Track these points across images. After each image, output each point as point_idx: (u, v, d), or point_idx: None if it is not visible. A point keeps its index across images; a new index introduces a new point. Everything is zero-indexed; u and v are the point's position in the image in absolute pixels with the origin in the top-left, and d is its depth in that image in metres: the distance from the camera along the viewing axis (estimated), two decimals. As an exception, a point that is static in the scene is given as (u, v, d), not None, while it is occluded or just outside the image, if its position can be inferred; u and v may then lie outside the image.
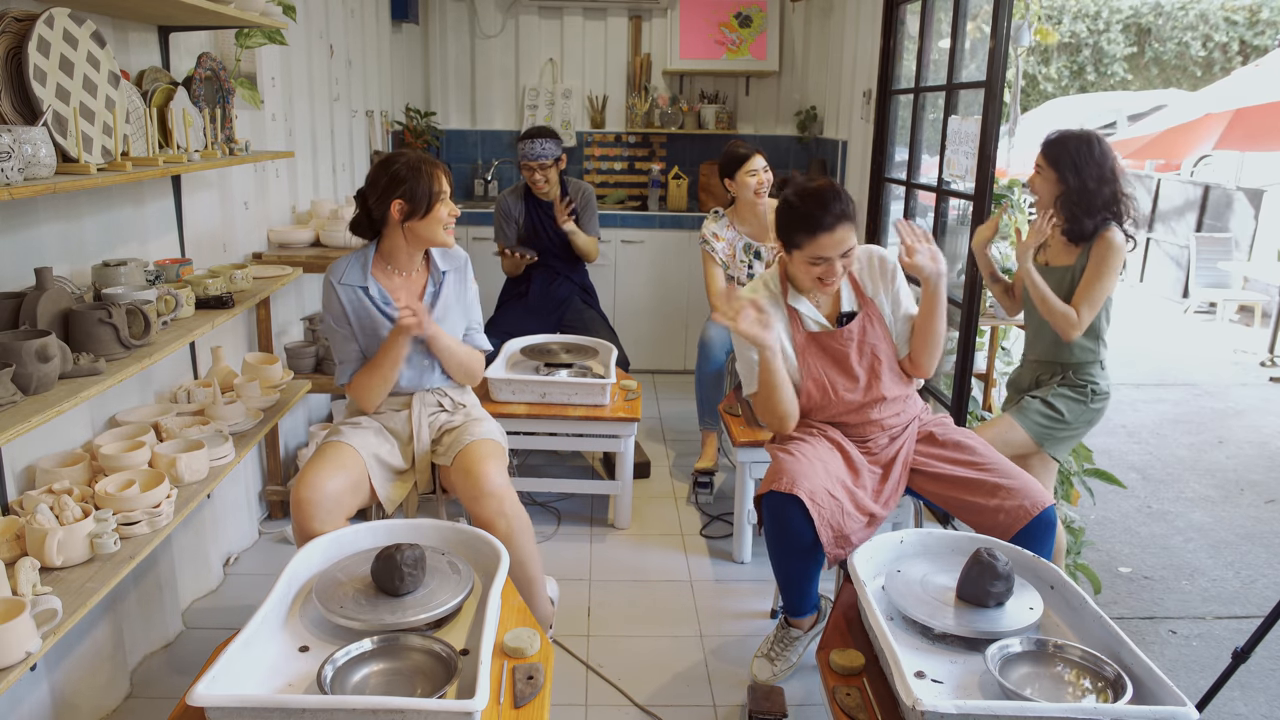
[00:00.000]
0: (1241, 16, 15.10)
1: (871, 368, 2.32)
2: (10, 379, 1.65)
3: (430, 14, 5.29)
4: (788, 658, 2.39)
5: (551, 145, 3.72)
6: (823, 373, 2.33)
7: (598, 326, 3.85)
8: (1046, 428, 2.59)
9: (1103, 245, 2.52)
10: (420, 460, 2.39)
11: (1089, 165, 2.51)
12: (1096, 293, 2.52)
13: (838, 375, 2.32)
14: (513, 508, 2.26)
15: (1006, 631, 1.69)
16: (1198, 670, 2.66)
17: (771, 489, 2.13)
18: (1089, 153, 2.52)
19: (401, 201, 2.26)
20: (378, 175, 2.30)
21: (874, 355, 2.32)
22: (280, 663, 1.60)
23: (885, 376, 2.32)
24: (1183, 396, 5.53)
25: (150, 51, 2.55)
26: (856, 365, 2.31)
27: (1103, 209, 2.53)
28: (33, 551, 1.76)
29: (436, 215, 2.30)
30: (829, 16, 5.23)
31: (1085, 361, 2.62)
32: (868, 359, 2.32)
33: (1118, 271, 2.55)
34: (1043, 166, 2.58)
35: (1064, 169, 2.53)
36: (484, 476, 2.24)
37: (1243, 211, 8.00)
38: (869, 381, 2.32)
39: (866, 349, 2.32)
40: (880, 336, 2.33)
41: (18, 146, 1.63)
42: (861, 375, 2.31)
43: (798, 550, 2.15)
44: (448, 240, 2.37)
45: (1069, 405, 2.60)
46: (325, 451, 2.26)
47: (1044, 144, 2.59)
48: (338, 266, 2.37)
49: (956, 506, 2.21)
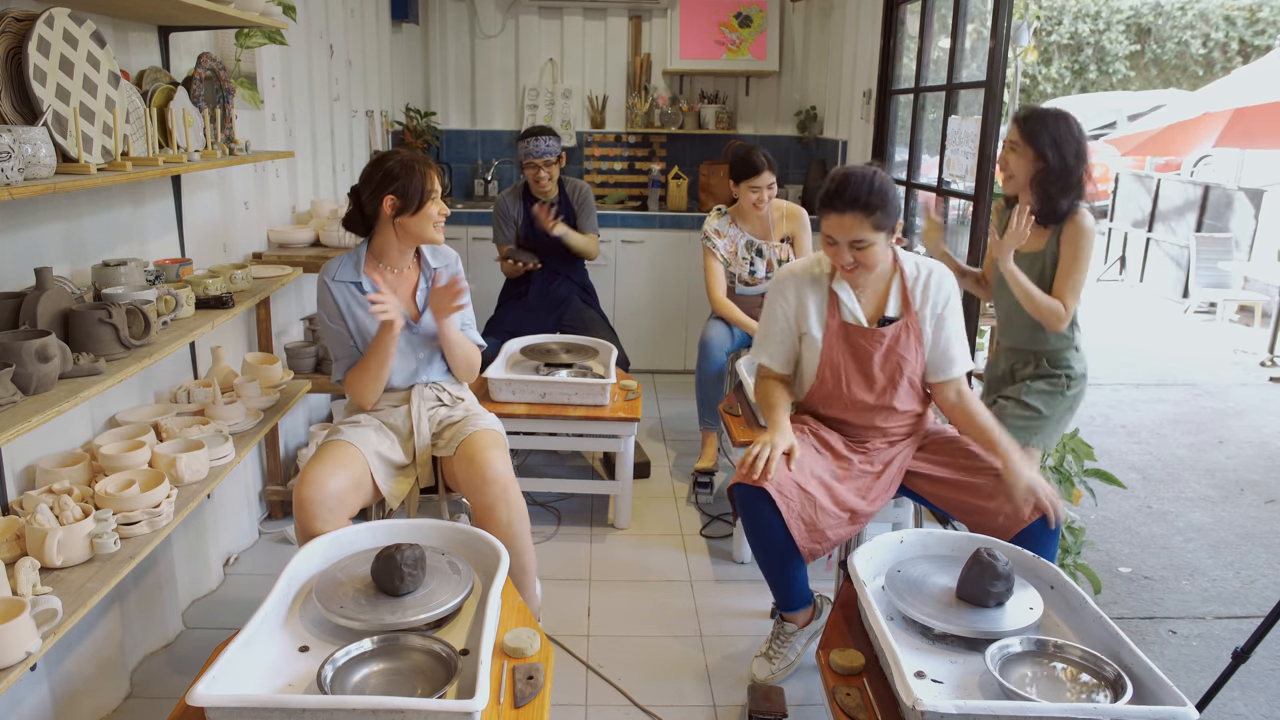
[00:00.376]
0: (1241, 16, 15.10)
1: (892, 377, 2.28)
2: (10, 379, 1.65)
3: (430, 14, 5.29)
4: (786, 656, 2.39)
5: (554, 142, 3.73)
6: (842, 364, 2.29)
7: (597, 326, 3.85)
8: (1026, 428, 2.56)
9: (1075, 228, 2.45)
10: (421, 454, 2.40)
11: (1068, 142, 2.42)
12: (1079, 279, 2.46)
13: (856, 372, 2.29)
14: (515, 496, 2.29)
15: (1006, 631, 1.69)
16: (1198, 670, 2.66)
17: (739, 480, 2.16)
18: (1068, 129, 2.43)
19: (394, 197, 2.30)
20: (372, 171, 2.34)
21: (898, 365, 2.27)
22: (280, 663, 1.60)
23: (902, 389, 2.29)
24: (1183, 396, 5.53)
25: (150, 51, 2.55)
26: (878, 369, 2.28)
27: (1076, 187, 2.46)
28: (33, 551, 1.76)
29: (427, 213, 2.34)
30: (829, 16, 5.23)
31: (1060, 348, 2.57)
32: (891, 366, 2.27)
33: (1093, 254, 2.48)
34: (1019, 144, 2.46)
35: (1043, 146, 2.41)
36: (488, 464, 2.26)
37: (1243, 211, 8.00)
38: (885, 388, 2.29)
39: (893, 357, 2.27)
40: (912, 350, 2.27)
41: (18, 146, 1.63)
42: (880, 380, 2.28)
43: (773, 543, 2.16)
44: (437, 237, 2.41)
45: (1045, 400, 2.57)
46: (326, 450, 2.26)
47: (1020, 120, 2.47)
48: (331, 265, 2.41)
49: (956, 508, 2.21)
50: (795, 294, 2.33)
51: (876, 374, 2.28)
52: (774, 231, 3.61)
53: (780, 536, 2.13)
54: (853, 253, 2.18)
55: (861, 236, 2.15)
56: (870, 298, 2.31)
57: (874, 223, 2.14)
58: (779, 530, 2.12)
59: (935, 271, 2.30)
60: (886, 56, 4.09)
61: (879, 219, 2.15)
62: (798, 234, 3.63)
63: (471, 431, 2.37)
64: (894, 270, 2.29)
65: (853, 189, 2.13)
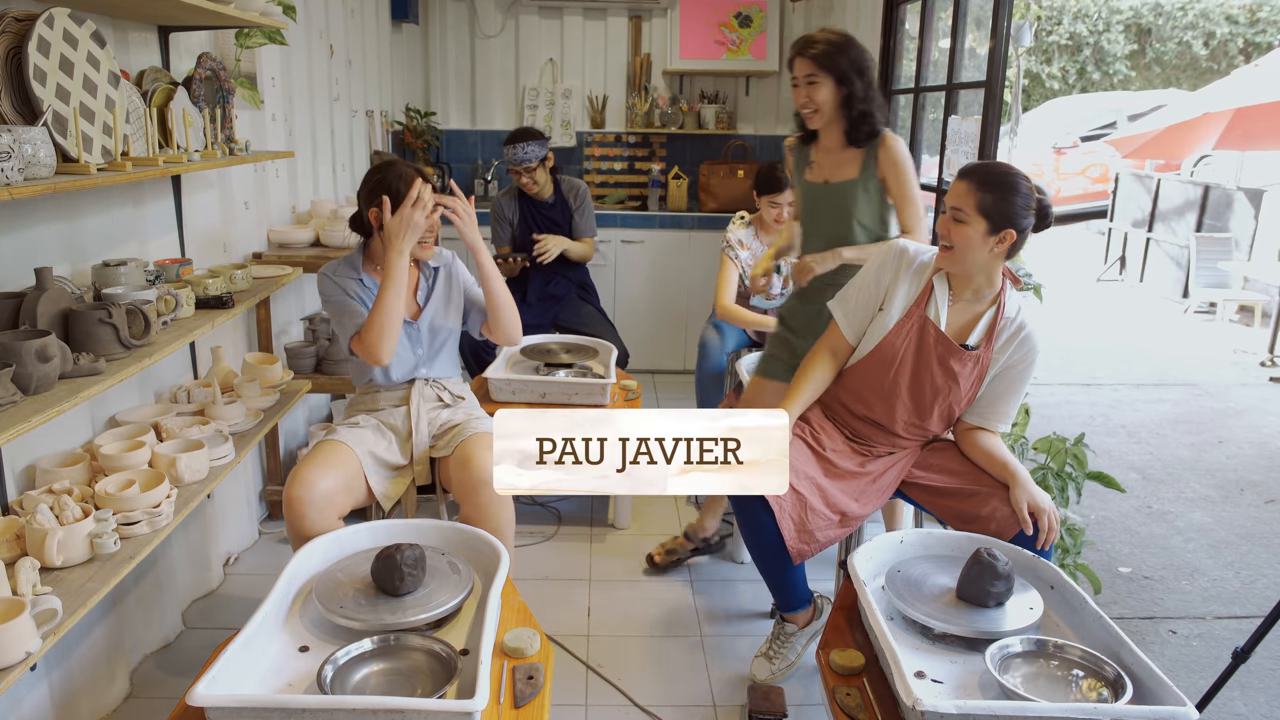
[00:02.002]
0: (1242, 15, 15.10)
1: (938, 392, 2.20)
2: (10, 379, 1.65)
3: (430, 14, 5.29)
4: (786, 656, 2.39)
5: (535, 147, 3.69)
6: (901, 357, 2.20)
7: (595, 322, 3.85)
8: None
9: (891, 155, 2.44)
10: (420, 455, 2.40)
11: (865, 61, 2.43)
12: (918, 206, 2.45)
13: (910, 371, 2.20)
14: (507, 500, 2.28)
15: (1006, 631, 1.69)
16: (1198, 670, 2.66)
17: None
18: (859, 51, 2.43)
19: (378, 210, 2.32)
20: (367, 178, 2.38)
21: (950, 387, 2.19)
22: (280, 663, 1.60)
23: (939, 408, 2.22)
24: (1183, 396, 5.53)
25: (150, 51, 2.55)
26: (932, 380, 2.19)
27: (881, 106, 2.46)
28: (33, 551, 1.76)
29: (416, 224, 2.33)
30: (829, 16, 5.22)
31: None
32: (943, 384, 2.19)
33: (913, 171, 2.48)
34: (817, 75, 2.41)
35: (846, 70, 2.40)
36: (483, 466, 2.25)
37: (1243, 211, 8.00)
38: (929, 400, 2.21)
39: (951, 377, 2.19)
40: (969, 381, 2.19)
41: (18, 146, 1.63)
42: (927, 391, 2.20)
43: (769, 545, 2.16)
44: (423, 254, 2.43)
45: None
46: (319, 450, 2.27)
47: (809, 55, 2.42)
48: (331, 265, 2.45)
49: (950, 515, 2.20)
50: (896, 270, 2.24)
51: (927, 383, 2.20)
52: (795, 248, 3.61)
53: (775, 538, 2.13)
54: (950, 225, 2.09)
55: (960, 205, 2.07)
56: (960, 312, 2.20)
57: (979, 202, 2.04)
58: (773, 531, 2.12)
59: (1030, 329, 2.18)
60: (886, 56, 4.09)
61: (987, 202, 2.04)
62: None
63: (470, 434, 2.37)
64: (995, 301, 2.18)
65: (983, 166, 2.10)
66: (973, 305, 2.20)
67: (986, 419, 2.24)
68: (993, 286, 2.17)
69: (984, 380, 2.21)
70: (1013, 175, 2.07)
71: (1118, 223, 9.57)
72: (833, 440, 2.30)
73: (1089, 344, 6.64)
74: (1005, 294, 2.18)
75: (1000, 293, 2.18)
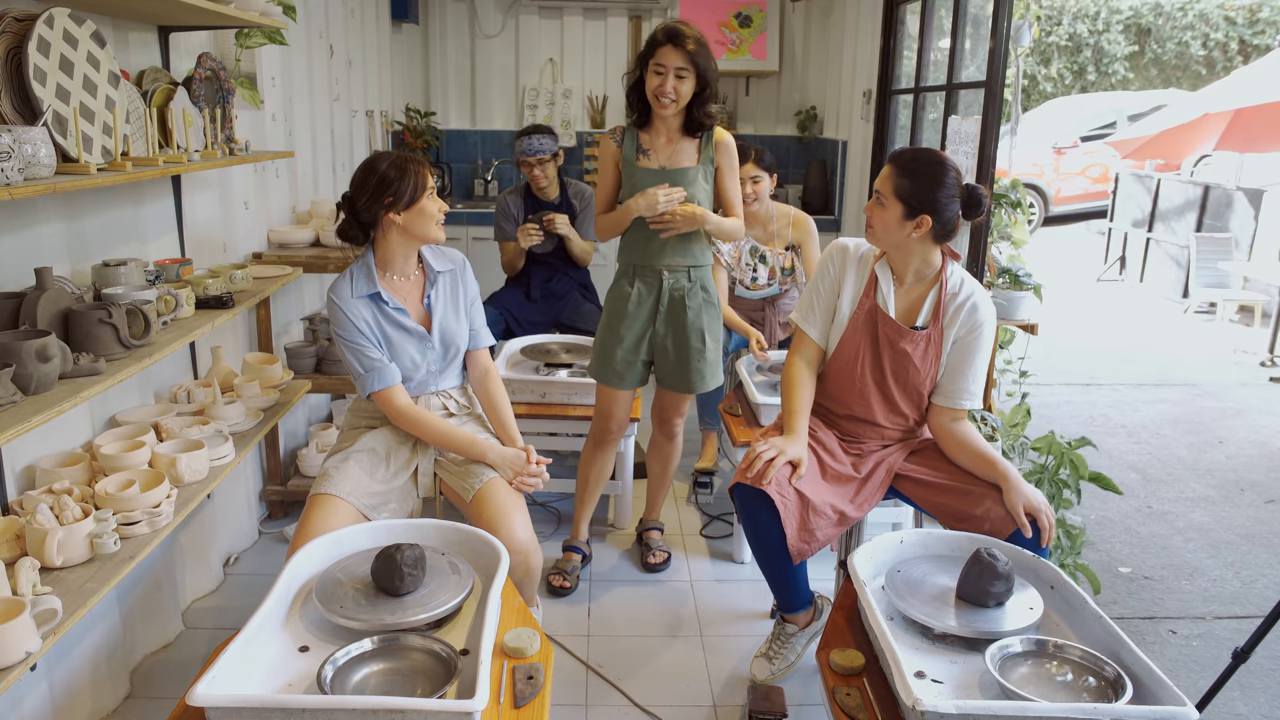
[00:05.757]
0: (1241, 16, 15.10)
1: (899, 376, 2.27)
2: (10, 379, 1.65)
3: (430, 14, 5.29)
4: (786, 656, 2.39)
5: (548, 140, 3.72)
6: (862, 347, 2.28)
7: (597, 321, 3.84)
8: None
9: (724, 145, 2.67)
10: (425, 466, 2.36)
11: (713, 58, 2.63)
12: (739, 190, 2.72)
13: (870, 360, 2.28)
14: (536, 559, 2.23)
15: (1006, 631, 1.69)
16: (1198, 670, 2.66)
17: (740, 480, 2.16)
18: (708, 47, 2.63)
19: (392, 199, 2.24)
20: (365, 178, 2.27)
21: (911, 369, 2.25)
22: (280, 663, 1.60)
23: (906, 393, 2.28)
24: (1183, 396, 5.53)
25: (150, 51, 2.55)
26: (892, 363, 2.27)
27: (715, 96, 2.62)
28: (33, 551, 1.76)
29: (427, 210, 2.28)
30: (829, 16, 5.23)
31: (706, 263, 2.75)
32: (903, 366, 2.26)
33: None
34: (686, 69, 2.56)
35: (709, 68, 2.58)
36: (512, 535, 2.17)
37: (1243, 211, 8.00)
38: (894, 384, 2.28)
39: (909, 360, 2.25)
40: (929, 361, 2.25)
41: (18, 146, 1.63)
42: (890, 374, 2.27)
43: (772, 545, 2.16)
44: (439, 235, 2.33)
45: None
46: (312, 511, 2.13)
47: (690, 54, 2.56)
48: (341, 285, 2.29)
49: (944, 514, 2.20)
50: (841, 265, 2.32)
51: (888, 369, 2.27)
52: (778, 239, 3.60)
53: (779, 538, 2.13)
54: (873, 207, 2.20)
55: (880, 189, 2.18)
56: (905, 295, 2.28)
57: (896, 187, 2.14)
58: (777, 532, 2.12)
59: (977, 298, 2.24)
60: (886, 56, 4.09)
61: (904, 187, 2.12)
62: (804, 242, 3.58)
63: (485, 482, 2.27)
64: (937, 280, 2.25)
65: (909, 153, 2.19)
66: (916, 287, 2.28)
67: (952, 398, 2.26)
68: (931, 267, 2.25)
69: (941, 357, 2.27)
70: (936, 164, 2.15)
71: (1118, 223, 9.57)
72: (829, 441, 2.32)
73: (1089, 344, 6.64)
74: (946, 271, 2.26)
75: (940, 270, 2.26)
